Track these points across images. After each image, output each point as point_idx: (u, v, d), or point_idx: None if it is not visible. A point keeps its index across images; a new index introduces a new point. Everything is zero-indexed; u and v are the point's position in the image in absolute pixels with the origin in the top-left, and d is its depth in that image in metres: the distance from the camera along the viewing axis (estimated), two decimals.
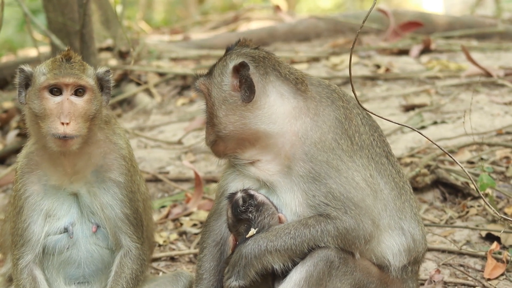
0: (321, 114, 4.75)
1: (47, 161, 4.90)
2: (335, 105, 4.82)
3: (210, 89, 4.88)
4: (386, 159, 4.89)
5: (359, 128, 4.82)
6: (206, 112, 4.96)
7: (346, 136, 4.72)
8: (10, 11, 16.83)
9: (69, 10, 9.23)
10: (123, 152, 5.02)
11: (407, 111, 8.82)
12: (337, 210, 4.57)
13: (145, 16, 22.67)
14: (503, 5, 17.77)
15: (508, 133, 7.77)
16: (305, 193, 4.64)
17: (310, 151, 4.66)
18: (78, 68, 4.80)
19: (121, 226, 4.95)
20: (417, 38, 11.93)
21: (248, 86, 4.74)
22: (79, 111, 4.72)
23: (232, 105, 4.80)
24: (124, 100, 10.50)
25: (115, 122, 5.14)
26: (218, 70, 4.88)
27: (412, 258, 4.83)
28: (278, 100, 4.79)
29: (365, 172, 4.71)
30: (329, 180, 4.61)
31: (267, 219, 4.77)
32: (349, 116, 4.81)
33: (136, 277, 4.98)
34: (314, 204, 4.62)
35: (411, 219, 4.84)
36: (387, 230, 4.74)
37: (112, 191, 4.94)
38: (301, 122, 4.73)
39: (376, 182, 4.75)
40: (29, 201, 4.91)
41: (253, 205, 4.80)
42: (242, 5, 22.08)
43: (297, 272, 4.54)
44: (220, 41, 12.87)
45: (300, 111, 4.76)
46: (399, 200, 4.82)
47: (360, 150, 4.75)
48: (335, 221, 4.57)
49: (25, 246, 4.90)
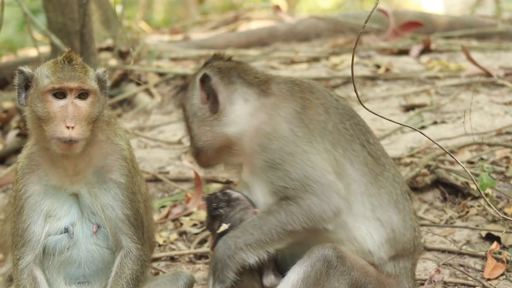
0: (277, 108, 4.86)
1: (48, 162, 4.90)
2: (294, 97, 4.90)
3: (184, 104, 5.16)
4: (360, 146, 4.88)
5: (320, 116, 4.85)
6: (185, 126, 5.23)
7: (303, 124, 4.79)
8: (10, 11, 16.82)
9: (69, 10, 9.22)
10: (124, 153, 5.02)
11: (407, 111, 8.82)
12: (296, 190, 4.62)
13: (145, 16, 22.67)
14: (503, 5, 17.76)
15: (508, 133, 7.77)
16: (265, 182, 4.73)
17: (263, 142, 4.76)
18: (81, 71, 4.79)
19: (122, 227, 4.94)
20: (417, 38, 11.93)
21: (213, 97, 4.97)
22: (83, 114, 4.72)
23: (202, 117, 5.06)
24: (124, 100, 10.50)
25: (115, 122, 5.14)
26: (190, 85, 5.18)
27: (399, 249, 4.80)
28: (242, 105, 4.96)
29: (327, 156, 4.74)
30: (284, 164, 4.68)
31: (239, 214, 4.84)
32: (308, 105, 4.87)
33: (137, 278, 4.97)
34: (275, 190, 4.68)
35: (388, 207, 4.81)
36: (358, 216, 4.74)
37: (113, 192, 4.94)
38: (258, 118, 4.87)
39: (342, 167, 4.76)
40: (29, 201, 4.91)
41: (224, 201, 4.92)
42: (242, 5, 22.08)
43: (294, 273, 4.56)
44: (220, 41, 12.87)
45: (259, 109, 4.90)
46: (372, 187, 4.80)
47: (321, 137, 4.79)
48: (296, 200, 4.61)
49: (25, 247, 4.90)
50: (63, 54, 4.86)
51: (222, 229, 4.83)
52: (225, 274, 4.63)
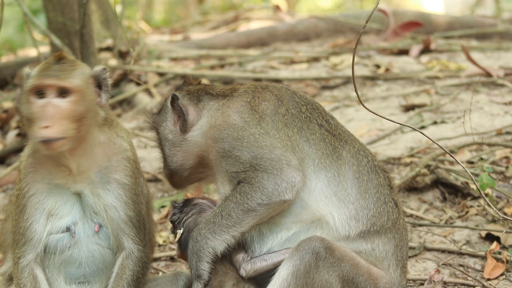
0: (228, 106, 4.97)
1: (51, 161, 4.90)
2: (247, 94, 5.00)
3: (157, 127, 5.26)
4: (318, 126, 4.89)
5: (270, 102, 4.92)
6: (159, 149, 5.30)
7: (251, 111, 4.87)
8: (10, 11, 16.84)
9: (69, 10, 9.22)
10: (128, 154, 5.02)
11: (407, 111, 8.82)
12: (247, 172, 4.68)
13: (145, 16, 22.68)
14: (503, 5, 17.78)
15: (508, 133, 7.77)
16: (222, 173, 4.80)
17: (214, 135, 4.86)
18: (64, 69, 4.75)
19: (124, 228, 4.94)
20: (417, 38, 11.93)
21: (183, 117, 5.09)
22: (63, 113, 4.68)
23: (173, 140, 5.17)
24: (124, 100, 10.50)
25: (117, 123, 5.14)
26: (162, 109, 5.27)
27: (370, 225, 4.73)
28: (208, 117, 5.05)
29: (277, 133, 4.79)
30: (233, 151, 4.76)
31: (192, 217, 4.95)
32: (258, 96, 4.95)
33: (138, 279, 4.97)
34: (230, 178, 4.75)
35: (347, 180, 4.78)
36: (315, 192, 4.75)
37: (117, 193, 4.94)
38: (212, 118, 4.99)
39: (295, 142, 4.80)
40: (32, 200, 4.90)
41: (178, 207, 5.04)
42: (242, 5, 22.10)
43: (284, 268, 4.56)
44: (220, 41, 12.88)
45: (216, 111, 5.00)
46: (328, 159, 4.81)
47: (271, 118, 4.85)
48: (249, 180, 4.66)
49: (26, 245, 4.89)
50: (54, 54, 4.88)
51: (178, 235, 4.95)
52: (200, 268, 4.69)
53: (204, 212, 4.96)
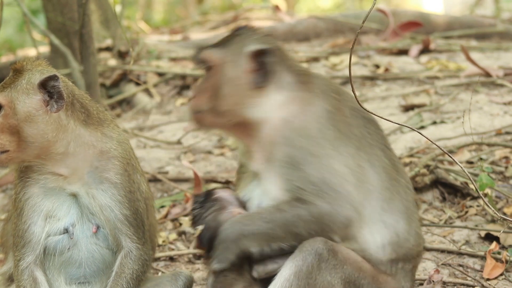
0: (311, 104, 4.78)
1: (37, 168, 4.91)
2: (327, 96, 4.83)
3: (222, 63, 4.88)
4: (381, 152, 4.86)
5: (348, 119, 4.81)
6: (208, 82, 4.92)
7: (332, 126, 4.73)
8: (9, 11, 16.83)
9: (68, 10, 9.24)
10: (115, 152, 4.99)
11: (407, 111, 8.82)
12: (311, 195, 4.58)
13: (144, 16, 22.66)
14: (502, 5, 17.77)
15: (507, 133, 7.77)
16: (281, 177, 4.67)
17: (290, 136, 4.69)
18: (5, 83, 4.83)
19: (121, 227, 4.94)
20: (417, 38, 11.93)
21: (264, 73, 4.79)
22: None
23: (240, 86, 4.83)
24: (123, 100, 10.50)
25: (110, 123, 5.11)
26: (236, 48, 4.89)
27: (401, 254, 4.79)
28: (279, 90, 4.83)
29: (351, 161, 4.69)
30: (306, 165, 4.62)
31: (212, 215, 4.82)
32: (339, 107, 4.81)
33: (137, 278, 4.97)
34: (290, 188, 4.63)
35: (398, 213, 4.80)
36: (368, 220, 4.72)
37: (110, 192, 4.93)
38: (289, 109, 4.78)
39: (362, 172, 4.72)
40: (29, 203, 4.91)
41: (199, 202, 4.90)
42: (241, 5, 22.07)
43: (286, 268, 4.55)
44: None
45: (293, 100, 4.80)
46: (388, 192, 4.79)
47: (348, 140, 4.74)
48: (309, 205, 4.57)
49: (25, 247, 4.90)
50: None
51: (197, 232, 4.86)
52: (226, 256, 4.64)
53: (225, 209, 4.83)
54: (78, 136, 4.91)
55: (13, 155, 4.78)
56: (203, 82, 4.96)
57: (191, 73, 10.76)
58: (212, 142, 8.73)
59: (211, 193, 4.96)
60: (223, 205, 4.86)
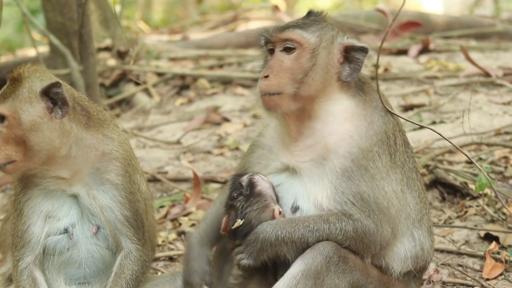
0: (375, 124, 4.76)
1: (40, 172, 4.91)
2: (387, 117, 4.83)
3: (314, 47, 4.77)
4: (416, 175, 4.92)
5: (398, 146, 4.83)
6: (287, 64, 4.74)
7: (388, 153, 4.74)
8: (9, 11, 16.82)
9: (68, 10, 9.24)
10: (117, 153, 4.99)
11: (406, 111, 8.82)
12: (361, 212, 4.59)
13: (144, 16, 22.67)
14: (501, 5, 17.78)
15: (506, 133, 7.77)
16: (334, 188, 4.63)
17: (355, 153, 4.66)
18: (5, 93, 4.79)
19: (121, 228, 4.94)
20: (416, 38, 11.93)
21: (354, 68, 4.77)
22: (2, 139, 4.75)
23: (328, 74, 4.75)
24: (123, 100, 10.50)
25: (109, 123, 5.11)
26: (328, 36, 4.84)
27: (419, 266, 4.84)
28: (354, 95, 4.81)
29: (397, 187, 4.73)
30: (362, 182, 4.62)
31: (256, 212, 4.75)
32: (395, 133, 4.82)
33: (137, 278, 4.97)
34: (341, 201, 4.62)
35: (425, 231, 4.86)
36: (401, 237, 4.76)
37: (111, 193, 4.93)
38: (356, 123, 4.74)
39: (404, 197, 4.77)
40: (28, 204, 4.91)
41: (244, 194, 4.80)
42: (241, 5, 22.07)
43: (296, 265, 4.55)
44: (219, 41, 12.86)
45: (360, 112, 4.77)
46: (420, 213, 4.85)
47: (396, 167, 4.76)
48: (356, 222, 4.58)
49: (25, 248, 4.90)
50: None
51: (236, 225, 4.77)
52: (259, 255, 4.63)
53: (268, 208, 4.76)
54: (80, 139, 4.90)
55: (20, 164, 4.78)
56: (277, 63, 4.75)
57: (190, 73, 10.76)
58: (211, 142, 8.73)
59: (252, 183, 4.81)
60: (267, 204, 4.77)
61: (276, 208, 4.75)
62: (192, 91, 10.51)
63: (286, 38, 4.78)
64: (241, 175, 4.90)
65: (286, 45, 4.77)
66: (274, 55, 4.80)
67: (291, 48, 4.76)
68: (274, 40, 4.81)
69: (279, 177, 4.86)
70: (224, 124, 9.16)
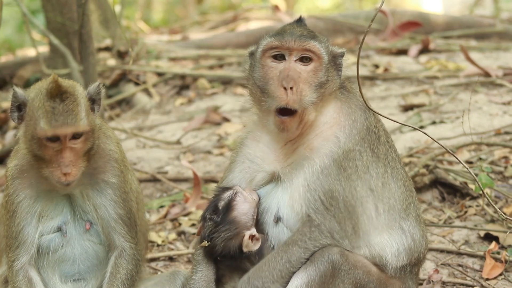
0: (358, 121, 4.77)
1: (39, 173, 4.88)
2: (367, 111, 4.85)
3: (328, 60, 4.77)
4: (399, 163, 4.93)
5: (381, 139, 4.83)
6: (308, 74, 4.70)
7: (369, 149, 4.75)
8: (9, 11, 16.83)
9: (67, 10, 9.24)
10: (115, 155, 5.01)
11: (406, 111, 8.82)
12: (325, 212, 4.59)
13: (143, 16, 22.67)
14: (501, 5, 17.77)
15: (506, 133, 7.77)
16: (308, 185, 4.64)
17: (337, 153, 4.67)
18: (72, 110, 4.68)
19: (115, 226, 4.95)
20: (416, 38, 11.93)
21: (338, 72, 4.81)
22: (78, 154, 4.73)
23: (335, 85, 4.80)
24: (122, 100, 10.50)
25: (104, 124, 5.13)
26: (330, 47, 4.83)
27: (414, 258, 4.83)
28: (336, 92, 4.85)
29: (377, 182, 4.74)
30: (336, 181, 4.62)
31: (221, 239, 4.77)
32: (377, 125, 4.84)
33: (132, 277, 4.98)
34: (310, 199, 4.61)
35: (413, 220, 4.86)
36: (387, 230, 4.76)
37: (106, 193, 4.95)
38: (342, 123, 4.76)
39: (387, 190, 4.78)
40: (22, 205, 4.91)
41: (214, 221, 4.82)
42: (241, 5, 22.08)
43: (298, 278, 4.55)
44: (219, 41, 12.86)
45: (345, 110, 4.80)
46: (405, 202, 4.85)
47: (378, 161, 4.77)
48: (319, 227, 4.59)
49: (20, 248, 4.90)
50: (50, 84, 4.71)
51: (202, 244, 4.84)
52: None
53: (238, 235, 4.76)
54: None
55: (79, 177, 4.78)
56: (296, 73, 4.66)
57: (190, 73, 10.76)
58: (211, 142, 8.74)
59: (229, 207, 4.82)
60: (237, 232, 4.78)
61: (247, 234, 4.75)
62: (192, 91, 10.52)
63: (307, 49, 4.71)
64: (225, 190, 4.89)
65: (304, 55, 4.72)
66: (288, 64, 4.70)
67: (309, 59, 4.73)
68: (293, 48, 4.72)
69: (265, 188, 4.86)
70: (224, 124, 9.16)
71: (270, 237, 4.78)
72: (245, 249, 4.75)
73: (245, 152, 4.94)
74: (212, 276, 4.88)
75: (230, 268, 4.85)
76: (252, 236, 4.74)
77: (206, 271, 4.88)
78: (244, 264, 4.79)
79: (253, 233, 4.75)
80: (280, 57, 4.72)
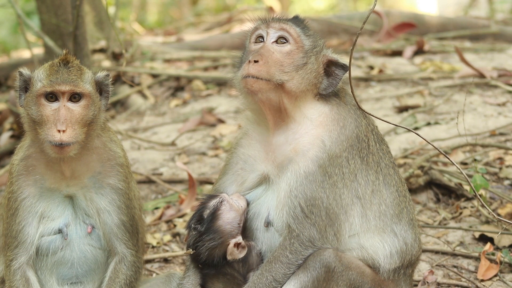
0: (347, 128, 4.76)
1: (45, 165, 4.90)
2: (360, 119, 4.82)
3: (308, 49, 4.83)
4: (393, 169, 4.91)
5: (372, 148, 4.81)
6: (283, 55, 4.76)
7: (358, 157, 4.73)
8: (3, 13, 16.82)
9: (62, 12, 9.20)
10: (121, 160, 5.02)
11: (401, 112, 8.83)
12: (306, 219, 4.56)
13: (138, 17, 22.65)
14: (496, 6, 17.80)
15: (501, 134, 7.78)
16: (290, 191, 4.62)
17: (323, 158, 4.65)
18: (75, 74, 4.79)
19: (117, 232, 4.94)
20: (411, 39, 11.94)
21: (331, 83, 4.81)
22: (75, 117, 4.72)
23: (315, 79, 4.79)
24: (117, 102, 10.49)
25: (109, 128, 5.14)
26: (320, 43, 4.92)
27: (406, 261, 4.82)
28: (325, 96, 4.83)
29: (365, 190, 4.72)
30: (320, 188, 4.60)
31: (205, 248, 4.77)
32: (367, 135, 4.81)
33: (130, 283, 4.98)
34: (291, 206, 4.59)
35: (406, 224, 4.85)
36: (378, 234, 4.75)
37: (110, 197, 4.94)
38: (329, 128, 4.74)
39: (377, 197, 4.76)
40: (24, 203, 4.90)
41: (198, 230, 4.81)
42: (235, 7, 22.09)
43: (290, 284, 4.54)
44: (213, 42, 12.86)
45: (334, 116, 4.77)
46: (398, 208, 4.83)
47: (369, 169, 4.76)
48: (299, 237, 4.57)
49: (19, 248, 4.89)
50: (60, 56, 4.84)
51: (187, 252, 4.85)
52: None
53: (222, 244, 4.75)
54: (97, 136, 4.96)
55: (75, 146, 4.74)
56: (268, 52, 4.74)
57: (185, 74, 10.75)
58: (206, 143, 8.73)
59: (214, 217, 4.81)
60: (222, 241, 4.77)
61: (232, 242, 4.74)
62: (187, 93, 10.51)
63: (284, 29, 4.82)
64: (211, 198, 4.88)
65: (280, 36, 4.80)
66: (264, 45, 4.80)
67: (284, 41, 4.78)
68: (270, 27, 4.86)
69: (256, 191, 4.85)
70: (218, 126, 9.16)
71: (261, 243, 4.77)
72: (229, 257, 4.74)
73: (240, 153, 4.95)
74: (198, 281, 4.88)
75: (213, 275, 4.84)
76: (238, 244, 4.74)
77: (193, 276, 4.89)
78: (227, 271, 4.79)
79: (239, 241, 4.75)
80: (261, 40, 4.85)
